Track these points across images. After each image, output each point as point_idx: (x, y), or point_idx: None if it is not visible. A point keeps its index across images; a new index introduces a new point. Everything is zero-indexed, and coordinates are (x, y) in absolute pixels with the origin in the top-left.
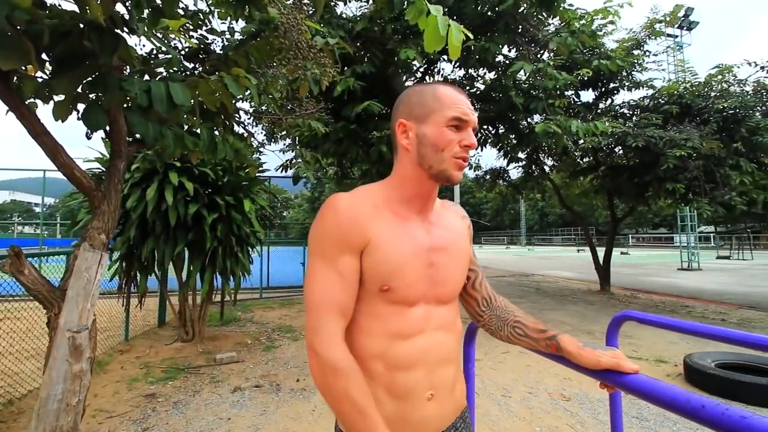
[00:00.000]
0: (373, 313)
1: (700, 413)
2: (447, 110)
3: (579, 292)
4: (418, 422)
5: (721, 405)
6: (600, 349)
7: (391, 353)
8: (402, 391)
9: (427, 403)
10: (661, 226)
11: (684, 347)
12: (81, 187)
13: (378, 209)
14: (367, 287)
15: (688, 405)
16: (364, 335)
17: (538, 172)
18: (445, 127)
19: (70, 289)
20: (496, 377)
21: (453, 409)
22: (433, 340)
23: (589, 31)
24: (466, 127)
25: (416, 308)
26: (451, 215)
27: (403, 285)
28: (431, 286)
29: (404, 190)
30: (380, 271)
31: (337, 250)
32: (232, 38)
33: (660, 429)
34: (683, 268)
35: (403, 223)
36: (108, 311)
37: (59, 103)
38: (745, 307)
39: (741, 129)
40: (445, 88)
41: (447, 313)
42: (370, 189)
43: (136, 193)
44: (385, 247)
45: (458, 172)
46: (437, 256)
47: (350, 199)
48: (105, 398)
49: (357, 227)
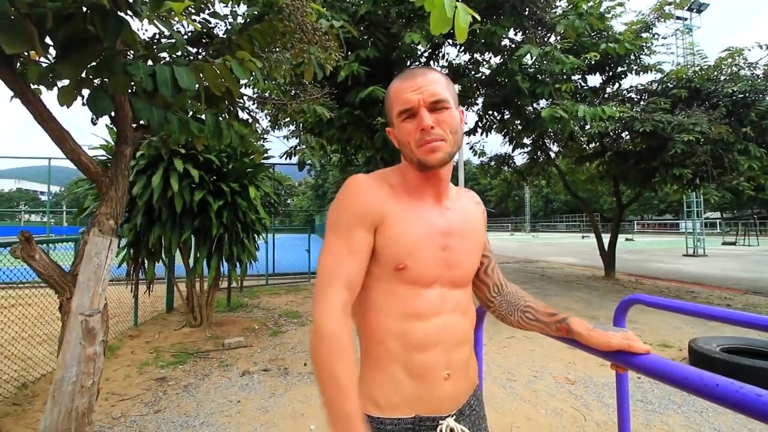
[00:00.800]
0: (392, 293)
1: (714, 391)
2: (395, 107)
3: (584, 278)
4: (436, 401)
5: (735, 383)
6: (611, 330)
7: (409, 333)
8: (420, 371)
9: (444, 383)
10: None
11: (688, 332)
12: (88, 173)
13: (395, 190)
14: (383, 265)
15: (702, 383)
16: (383, 315)
17: (543, 158)
18: (401, 123)
19: (81, 274)
20: (501, 361)
21: (467, 388)
22: (449, 321)
23: (597, 14)
24: (417, 111)
25: (432, 290)
26: (466, 201)
27: (418, 264)
28: (446, 269)
29: (412, 179)
30: (395, 249)
31: (351, 225)
32: (236, 22)
33: (665, 411)
34: (689, 254)
35: (418, 205)
36: (117, 297)
37: (64, 88)
38: (750, 293)
39: (750, 113)
40: (394, 82)
41: (462, 296)
42: (385, 172)
43: (142, 180)
44: (400, 225)
45: (431, 155)
46: (452, 239)
47: (368, 178)
48: (117, 382)
49: (374, 204)
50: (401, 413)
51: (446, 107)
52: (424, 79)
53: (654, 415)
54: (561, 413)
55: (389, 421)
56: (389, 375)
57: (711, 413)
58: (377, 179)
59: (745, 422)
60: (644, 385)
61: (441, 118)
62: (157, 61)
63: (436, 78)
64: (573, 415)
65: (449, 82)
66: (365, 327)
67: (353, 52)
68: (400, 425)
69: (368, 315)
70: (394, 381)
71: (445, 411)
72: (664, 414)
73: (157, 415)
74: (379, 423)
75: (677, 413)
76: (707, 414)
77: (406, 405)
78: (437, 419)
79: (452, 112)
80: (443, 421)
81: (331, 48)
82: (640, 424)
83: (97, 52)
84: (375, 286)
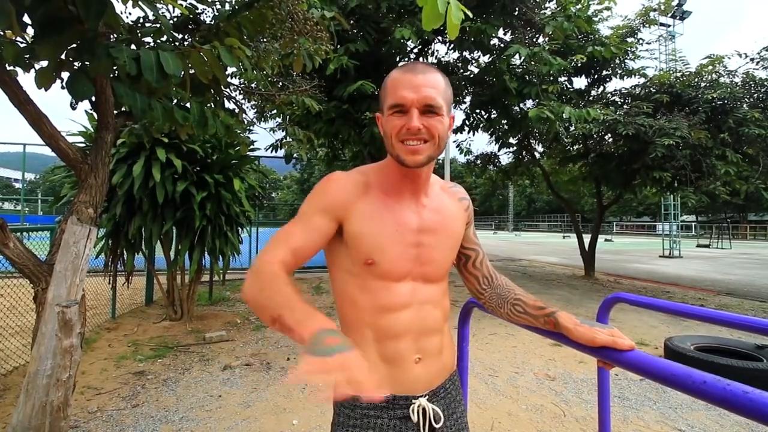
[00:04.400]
0: (365, 288)
1: (701, 388)
2: (389, 98)
3: (564, 277)
4: (408, 382)
5: (722, 380)
6: (597, 326)
7: (380, 324)
8: (391, 356)
9: (415, 366)
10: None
11: (664, 331)
12: (67, 159)
13: (369, 188)
14: (355, 260)
15: (690, 380)
16: (357, 308)
17: (528, 158)
18: (390, 115)
19: (58, 264)
20: (483, 357)
21: (441, 371)
22: (419, 313)
23: (585, 16)
24: (408, 109)
25: (403, 284)
26: (448, 197)
27: (386, 260)
28: (418, 265)
29: (391, 174)
30: (363, 245)
31: (313, 212)
32: (223, 9)
33: (641, 408)
34: (665, 255)
35: (390, 203)
36: (94, 289)
37: (42, 70)
38: (723, 294)
39: (728, 120)
40: (394, 72)
41: (434, 290)
42: (366, 169)
43: (122, 169)
44: (367, 222)
45: (410, 157)
46: (425, 237)
47: (344, 175)
48: (93, 375)
49: (338, 198)
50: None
51: (438, 113)
52: (425, 79)
53: (631, 411)
54: (541, 409)
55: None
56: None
57: (684, 409)
58: (354, 177)
59: (716, 418)
60: (621, 382)
61: (430, 123)
62: (141, 46)
63: (436, 81)
64: (553, 410)
65: (448, 87)
66: (343, 318)
67: (343, 45)
68: (374, 403)
69: (345, 308)
70: (368, 363)
71: (419, 391)
72: (641, 410)
73: (135, 410)
74: (354, 400)
75: (653, 409)
76: (681, 410)
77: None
78: (410, 398)
79: (443, 119)
80: (416, 401)
81: (322, 39)
82: (617, 420)
83: (78, 34)
84: (350, 280)
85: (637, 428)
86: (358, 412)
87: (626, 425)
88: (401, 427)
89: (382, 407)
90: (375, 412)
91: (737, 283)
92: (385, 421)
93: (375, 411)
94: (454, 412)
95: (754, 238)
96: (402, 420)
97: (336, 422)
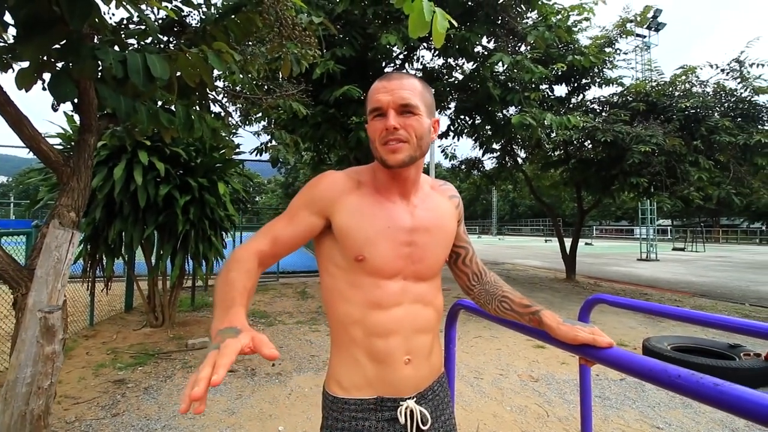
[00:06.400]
0: (355, 284)
1: (676, 382)
2: (369, 104)
3: (546, 280)
4: (397, 383)
5: (695, 374)
6: (578, 325)
7: (369, 321)
8: (380, 356)
9: (404, 367)
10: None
11: (642, 332)
12: (48, 161)
13: (362, 186)
14: (346, 255)
15: (665, 374)
16: (347, 303)
17: (511, 164)
18: (371, 120)
19: (39, 268)
20: (468, 360)
21: (430, 373)
22: (409, 311)
23: (565, 27)
24: (385, 111)
25: (394, 282)
26: (438, 196)
27: (377, 256)
28: (410, 264)
29: (381, 176)
30: (352, 240)
31: (300, 207)
32: (210, 12)
33: (621, 407)
34: (642, 258)
35: (383, 202)
36: (71, 295)
37: (23, 70)
38: (698, 296)
39: (701, 128)
40: (375, 82)
41: (426, 289)
42: (359, 170)
43: (102, 172)
44: (357, 218)
45: (391, 155)
46: (417, 236)
47: (336, 172)
48: (70, 384)
49: (325, 194)
50: (364, 394)
51: (415, 113)
52: (399, 83)
53: (611, 410)
54: (525, 410)
55: (353, 401)
56: (352, 358)
57: (663, 408)
58: (346, 174)
59: (693, 416)
60: (602, 382)
61: (408, 122)
62: (125, 48)
63: (412, 84)
64: (536, 411)
65: (426, 91)
66: (333, 314)
67: (329, 50)
68: (362, 405)
69: (335, 303)
70: (357, 364)
71: (407, 393)
72: (621, 409)
73: (115, 419)
74: (343, 403)
75: (632, 408)
76: (659, 408)
77: (368, 386)
78: (398, 400)
79: (421, 119)
80: (404, 402)
81: (310, 44)
82: (598, 419)
83: (62, 34)
84: (340, 276)
85: (618, 427)
86: (346, 414)
87: (607, 424)
88: (389, 429)
89: (370, 409)
90: (362, 414)
91: (711, 285)
92: (372, 423)
93: (363, 413)
94: (442, 414)
95: (726, 241)
96: (389, 422)
97: (324, 425)
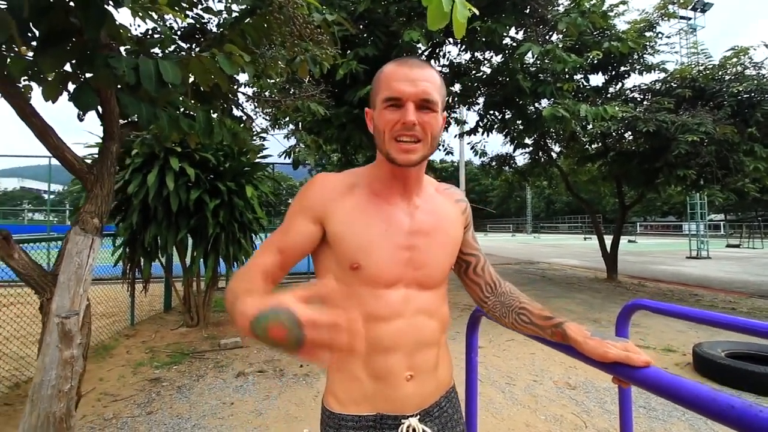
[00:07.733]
0: (353, 295)
1: (729, 414)
2: (383, 91)
3: (585, 280)
4: (398, 400)
5: (754, 406)
6: (610, 339)
7: (368, 335)
8: (380, 372)
9: (406, 383)
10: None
11: (692, 336)
12: (72, 169)
13: (355, 189)
14: (341, 264)
15: (715, 404)
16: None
17: (545, 159)
18: (383, 109)
19: (61, 274)
20: (500, 365)
21: (436, 389)
22: (411, 324)
23: (600, 12)
24: (404, 103)
25: (394, 291)
26: (443, 199)
27: (372, 264)
28: (411, 270)
29: (381, 173)
30: (346, 247)
31: (295, 215)
32: (229, 17)
33: (668, 419)
34: (692, 256)
35: (380, 204)
36: (114, 296)
37: (48, 82)
38: (756, 297)
39: (756, 113)
40: (388, 65)
41: (430, 298)
42: (356, 170)
43: (138, 179)
44: (350, 222)
45: (402, 155)
46: (418, 239)
47: (326, 175)
48: (110, 382)
49: (317, 199)
50: (362, 410)
51: (434, 109)
52: (422, 73)
53: (657, 422)
54: (561, 419)
55: (350, 417)
56: (350, 374)
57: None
58: (338, 177)
59: None
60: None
61: (425, 119)
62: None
63: (433, 77)
64: (573, 421)
65: (443, 84)
66: None
67: (352, 50)
68: (361, 422)
69: None
70: (355, 380)
71: (409, 410)
72: (668, 422)
73: (149, 417)
74: (340, 419)
75: (681, 420)
76: (712, 422)
77: (367, 402)
78: (400, 418)
79: (437, 117)
80: (406, 421)
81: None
82: None
83: (80, 45)
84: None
85: None
86: (344, 431)
87: None
88: None
89: (369, 426)
90: None
91: None
92: None
93: (361, 431)
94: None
95: None
96: None
97: None
